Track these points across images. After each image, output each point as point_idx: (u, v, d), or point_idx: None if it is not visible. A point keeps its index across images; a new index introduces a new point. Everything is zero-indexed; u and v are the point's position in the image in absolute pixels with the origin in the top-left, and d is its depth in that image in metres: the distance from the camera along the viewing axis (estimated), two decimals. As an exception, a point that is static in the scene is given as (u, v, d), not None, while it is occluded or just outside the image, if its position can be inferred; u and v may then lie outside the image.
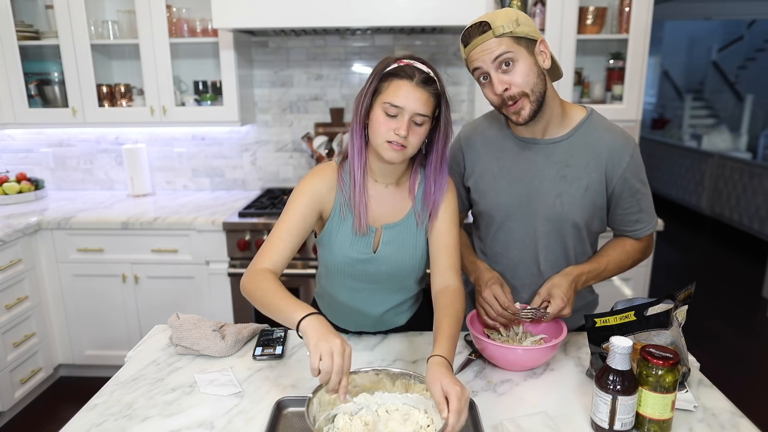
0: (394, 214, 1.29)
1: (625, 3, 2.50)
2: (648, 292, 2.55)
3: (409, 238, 1.29)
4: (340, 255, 1.27)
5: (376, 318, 1.38)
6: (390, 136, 1.15)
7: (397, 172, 1.28)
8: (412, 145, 1.17)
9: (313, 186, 1.25)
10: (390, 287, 1.34)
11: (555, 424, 1.00)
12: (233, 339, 1.30)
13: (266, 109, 2.95)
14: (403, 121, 1.14)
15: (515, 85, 1.18)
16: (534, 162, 1.30)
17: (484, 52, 1.18)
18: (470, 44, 1.19)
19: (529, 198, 1.31)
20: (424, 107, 1.14)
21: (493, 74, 1.19)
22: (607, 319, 1.08)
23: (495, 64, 1.17)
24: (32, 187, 2.89)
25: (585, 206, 1.30)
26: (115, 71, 2.90)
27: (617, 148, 1.28)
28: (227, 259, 2.48)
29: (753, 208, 5.10)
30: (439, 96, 1.18)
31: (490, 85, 1.20)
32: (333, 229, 1.27)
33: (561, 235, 1.32)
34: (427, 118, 1.16)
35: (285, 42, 2.85)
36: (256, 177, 3.04)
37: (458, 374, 1.19)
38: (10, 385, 2.38)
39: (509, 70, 1.18)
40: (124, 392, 1.15)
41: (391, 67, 1.16)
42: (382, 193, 1.28)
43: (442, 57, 2.85)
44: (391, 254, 1.28)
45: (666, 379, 0.93)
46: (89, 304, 2.60)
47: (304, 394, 1.08)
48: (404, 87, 1.14)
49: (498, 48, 1.16)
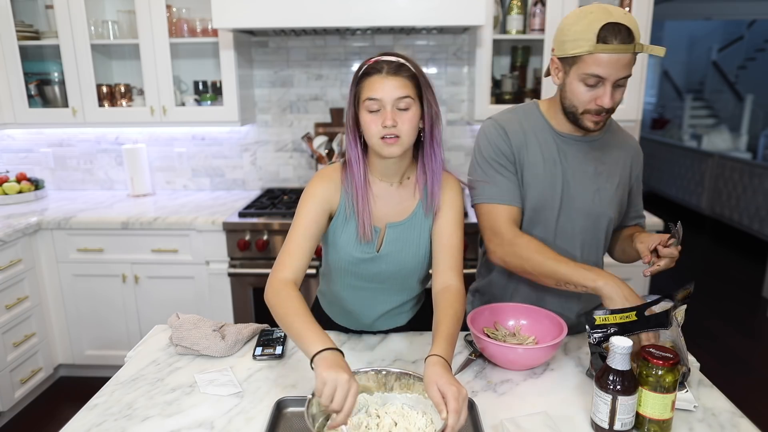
0: (398, 213, 1.29)
1: (625, 3, 2.50)
2: (648, 292, 2.55)
3: (413, 237, 1.29)
4: (344, 254, 1.28)
5: (377, 318, 1.38)
6: (381, 131, 1.16)
7: (400, 170, 1.27)
8: (406, 133, 1.18)
9: (320, 189, 1.25)
10: (393, 287, 1.35)
11: (555, 424, 1.00)
12: (233, 339, 1.31)
13: (266, 109, 2.95)
14: (387, 112, 1.16)
15: (616, 103, 1.21)
16: (574, 158, 1.33)
17: (617, 63, 1.15)
18: (608, 46, 1.13)
19: (570, 193, 1.33)
20: (401, 90, 1.16)
21: (608, 87, 1.17)
22: (607, 317, 1.08)
23: (619, 80, 1.17)
24: (32, 187, 2.89)
25: (617, 202, 1.37)
26: (115, 71, 2.90)
27: (636, 148, 1.42)
28: (227, 259, 2.48)
29: (753, 208, 5.10)
30: (416, 78, 1.18)
31: (594, 92, 1.19)
32: (338, 228, 1.27)
33: (597, 229, 1.37)
34: (410, 99, 1.17)
35: (285, 42, 2.85)
36: (256, 177, 3.04)
37: (458, 374, 1.19)
38: (10, 385, 2.38)
39: (623, 88, 1.20)
40: (124, 392, 1.15)
41: (363, 69, 1.19)
42: (387, 192, 1.29)
43: (442, 57, 2.85)
44: (395, 253, 1.28)
45: (666, 379, 0.93)
46: (89, 304, 2.60)
47: (304, 394, 1.09)
48: (376, 80, 1.16)
49: (630, 66, 1.17)
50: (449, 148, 2.96)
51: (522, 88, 2.77)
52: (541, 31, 2.51)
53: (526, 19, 2.57)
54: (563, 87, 1.26)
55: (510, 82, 2.70)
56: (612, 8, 1.16)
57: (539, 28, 2.52)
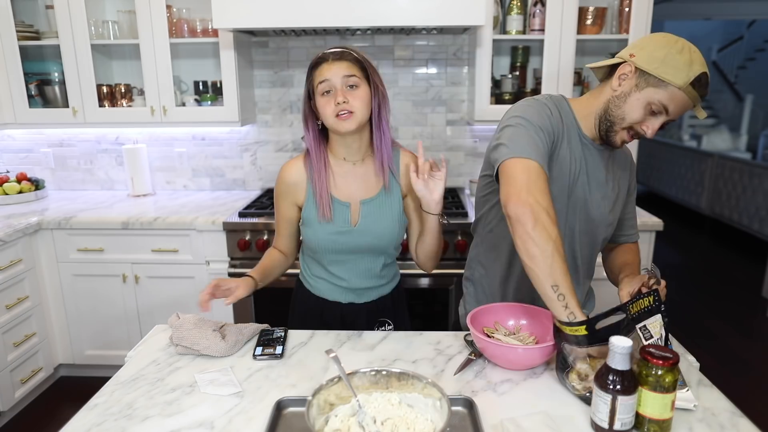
0: (368, 190, 1.44)
1: (625, 3, 2.50)
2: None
3: (386, 211, 1.44)
4: (322, 232, 1.42)
5: (361, 287, 1.51)
6: (335, 110, 1.31)
7: (360, 149, 1.43)
8: (358, 108, 1.32)
9: (281, 189, 1.46)
10: (371, 254, 1.48)
11: (555, 424, 1.00)
12: (233, 339, 1.31)
13: (266, 109, 2.95)
14: (337, 90, 1.31)
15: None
16: (590, 162, 1.32)
17: (686, 107, 1.17)
18: (694, 92, 1.15)
19: (583, 196, 1.32)
20: (348, 70, 1.32)
21: (661, 121, 1.19)
22: (563, 326, 1.07)
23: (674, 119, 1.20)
24: (32, 187, 2.89)
25: (616, 210, 1.38)
26: (116, 71, 2.90)
27: (631, 159, 1.44)
28: (227, 259, 2.48)
29: (753, 208, 5.10)
30: (360, 62, 1.34)
31: (655, 121, 1.19)
32: (311, 212, 1.43)
33: (596, 234, 1.38)
34: (356, 78, 1.32)
35: (285, 42, 2.85)
36: (256, 177, 3.04)
37: (458, 374, 1.19)
38: (10, 385, 2.38)
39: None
40: (124, 392, 1.15)
41: (312, 63, 1.36)
42: (350, 171, 1.44)
43: (442, 57, 2.86)
44: (371, 226, 1.43)
45: (665, 379, 0.93)
46: (89, 304, 2.60)
47: (304, 394, 1.09)
48: (324, 67, 1.33)
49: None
50: (449, 148, 2.96)
51: (522, 88, 2.77)
52: (541, 31, 2.51)
53: (526, 20, 2.57)
54: (622, 97, 1.21)
55: (510, 82, 2.70)
56: (704, 59, 1.17)
57: (539, 29, 2.52)
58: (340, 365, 1.03)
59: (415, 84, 2.90)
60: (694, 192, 6.09)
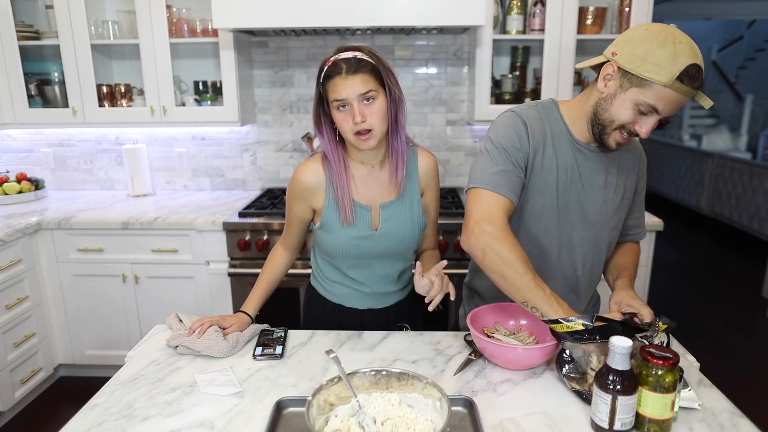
0: (388, 193, 1.41)
1: (625, 3, 2.50)
2: (648, 292, 2.54)
3: (406, 214, 1.42)
4: (342, 236, 1.39)
5: (380, 292, 1.49)
6: (353, 128, 1.26)
7: (378, 155, 1.39)
8: (376, 125, 1.27)
9: (297, 191, 1.40)
10: (390, 259, 1.46)
11: (555, 424, 1.00)
12: (234, 339, 1.30)
13: (266, 109, 2.95)
14: (354, 109, 1.25)
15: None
16: (586, 168, 1.27)
17: (680, 103, 1.11)
18: (683, 87, 1.07)
19: (579, 203, 1.28)
20: (363, 86, 1.24)
21: (654, 120, 1.13)
22: (559, 325, 1.08)
23: (669, 117, 1.16)
24: (32, 187, 2.89)
25: (620, 213, 1.35)
26: (115, 71, 2.90)
27: (640, 152, 1.37)
28: (227, 259, 2.48)
29: (753, 208, 5.10)
30: (376, 69, 1.27)
31: (647, 120, 1.13)
32: (331, 216, 1.38)
33: (599, 240, 1.34)
34: (373, 92, 1.26)
35: (285, 42, 2.85)
36: (257, 177, 3.04)
37: (458, 374, 1.19)
38: (10, 385, 2.38)
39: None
40: (124, 392, 1.15)
41: (324, 71, 1.28)
42: (369, 175, 1.40)
43: (442, 57, 2.86)
44: (392, 230, 1.40)
45: (666, 379, 0.93)
46: (89, 304, 2.60)
47: (304, 394, 1.09)
48: (338, 82, 1.25)
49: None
50: (449, 148, 2.96)
51: (522, 88, 2.77)
52: (541, 31, 2.51)
53: (526, 20, 2.57)
54: (609, 99, 1.16)
55: (510, 82, 2.70)
56: (695, 45, 1.08)
57: (539, 29, 2.52)
58: (340, 365, 1.03)
59: (415, 84, 2.90)
60: (694, 192, 6.09)
